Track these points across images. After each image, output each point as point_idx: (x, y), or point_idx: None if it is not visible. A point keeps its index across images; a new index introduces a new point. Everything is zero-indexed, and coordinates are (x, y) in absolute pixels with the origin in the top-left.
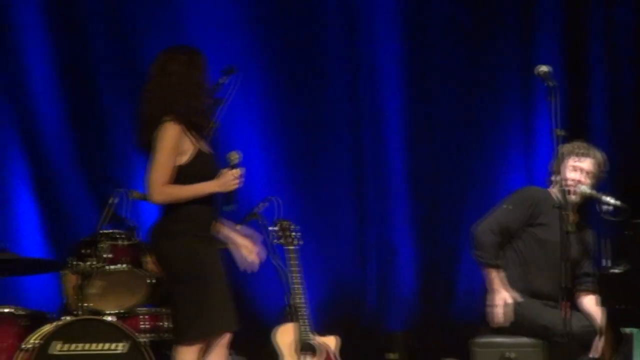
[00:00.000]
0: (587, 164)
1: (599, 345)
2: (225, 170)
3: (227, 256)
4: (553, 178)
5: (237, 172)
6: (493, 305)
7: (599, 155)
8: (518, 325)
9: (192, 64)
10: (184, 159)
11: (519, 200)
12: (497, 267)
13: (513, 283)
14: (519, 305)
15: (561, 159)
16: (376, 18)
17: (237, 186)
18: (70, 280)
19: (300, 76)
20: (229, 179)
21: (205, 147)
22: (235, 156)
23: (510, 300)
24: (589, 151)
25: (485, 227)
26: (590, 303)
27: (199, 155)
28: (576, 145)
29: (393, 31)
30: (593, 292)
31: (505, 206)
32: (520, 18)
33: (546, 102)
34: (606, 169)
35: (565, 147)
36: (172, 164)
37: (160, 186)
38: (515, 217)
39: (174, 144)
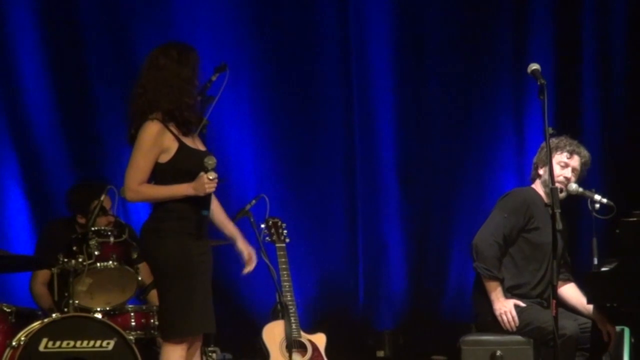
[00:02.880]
0: (575, 161)
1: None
2: (201, 174)
3: (221, 253)
4: (541, 172)
5: (212, 176)
6: (502, 313)
7: (585, 152)
8: (518, 328)
9: (182, 59)
10: (167, 156)
11: (513, 208)
12: (500, 279)
13: (509, 290)
14: (520, 309)
15: (548, 155)
16: (368, 14)
17: (211, 190)
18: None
19: (292, 74)
20: (203, 183)
21: (193, 143)
22: (212, 161)
23: (513, 305)
24: (578, 148)
25: (489, 239)
26: (568, 292)
27: (183, 152)
28: (564, 141)
29: (386, 29)
30: (568, 280)
31: (502, 215)
32: (513, 18)
33: (538, 101)
34: (589, 167)
35: (552, 142)
36: (148, 163)
37: (135, 186)
38: (512, 225)
39: (151, 144)
